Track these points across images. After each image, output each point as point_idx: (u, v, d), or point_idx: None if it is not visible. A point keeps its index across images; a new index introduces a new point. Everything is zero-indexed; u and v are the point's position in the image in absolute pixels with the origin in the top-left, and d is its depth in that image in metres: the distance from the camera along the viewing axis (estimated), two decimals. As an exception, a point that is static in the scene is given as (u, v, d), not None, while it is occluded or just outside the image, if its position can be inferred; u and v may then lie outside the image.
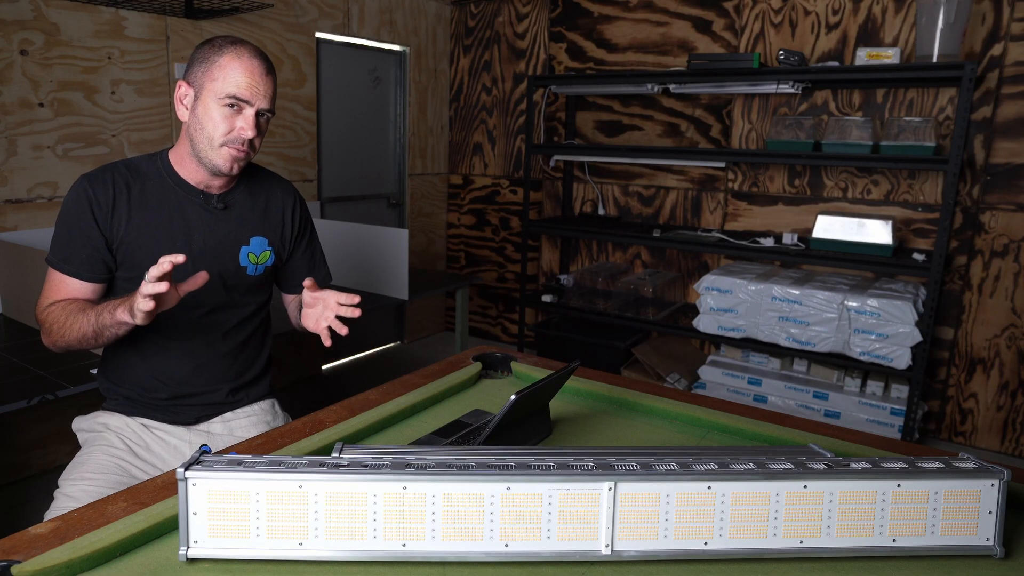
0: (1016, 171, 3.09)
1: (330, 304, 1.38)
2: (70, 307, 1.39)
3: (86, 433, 1.56)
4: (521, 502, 0.92)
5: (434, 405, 1.50)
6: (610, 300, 3.86)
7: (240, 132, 1.41)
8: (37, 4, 2.61)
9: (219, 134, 1.41)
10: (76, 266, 1.43)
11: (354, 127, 4.15)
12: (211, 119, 1.40)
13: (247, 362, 1.64)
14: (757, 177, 3.70)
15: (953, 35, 2.90)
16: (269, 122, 1.48)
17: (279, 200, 1.64)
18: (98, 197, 1.43)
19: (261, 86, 1.41)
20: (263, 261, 1.59)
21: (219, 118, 1.40)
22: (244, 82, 1.39)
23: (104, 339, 1.35)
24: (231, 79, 1.38)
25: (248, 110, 1.41)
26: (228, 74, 1.39)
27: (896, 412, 3.13)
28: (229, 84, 1.38)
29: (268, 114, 1.45)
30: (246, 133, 1.41)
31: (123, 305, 1.26)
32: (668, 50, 3.86)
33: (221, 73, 1.39)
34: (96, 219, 1.43)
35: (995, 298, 3.20)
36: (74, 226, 1.43)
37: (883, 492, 0.96)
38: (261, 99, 1.42)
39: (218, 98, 1.39)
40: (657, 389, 1.59)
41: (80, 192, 1.43)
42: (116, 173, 1.46)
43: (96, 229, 1.43)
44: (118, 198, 1.45)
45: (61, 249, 1.44)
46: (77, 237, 1.43)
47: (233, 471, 0.90)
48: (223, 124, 1.40)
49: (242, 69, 1.39)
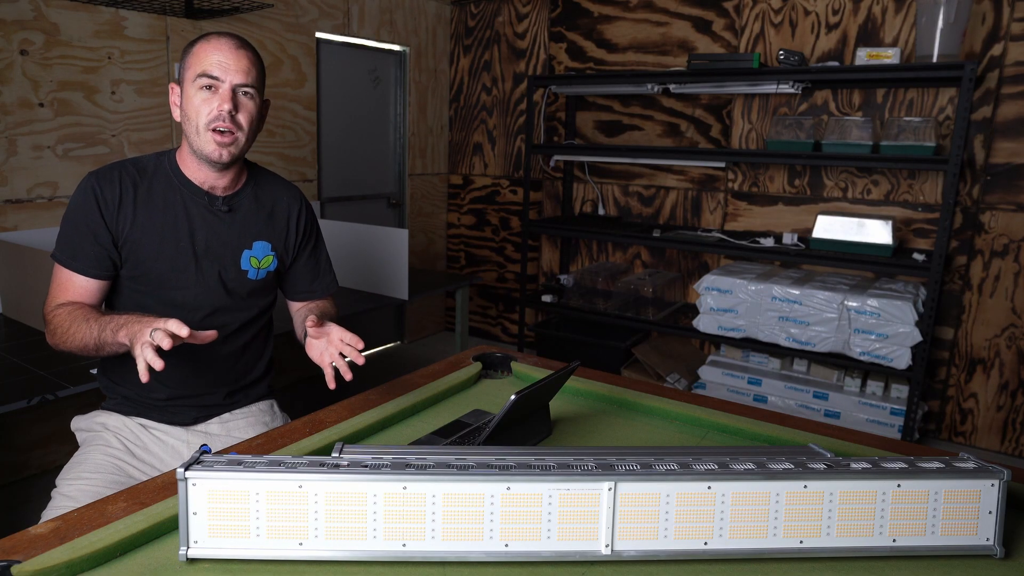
0: (1016, 171, 3.09)
1: (333, 341, 1.35)
2: (76, 313, 1.38)
3: (84, 433, 1.57)
4: (521, 502, 0.92)
5: (434, 405, 1.50)
6: (610, 300, 3.86)
7: (218, 109, 1.40)
8: (37, 4, 2.61)
9: (202, 118, 1.41)
10: (82, 263, 1.44)
11: (354, 127, 4.15)
12: (192, 105, 1.42)
13: (247, 366, 1.64)
14: (757, 177, 3.70)
15: (953, 35, 2.90)
16: (257, 103, 1.45)
17: (285, 205, 1.63)
18: (105, 194, 1.44)
19: (231, 61, 1.40)
20: (265, 266, 1.59)
21: (198, 102, 1.41)
22: (213, 59, 1.39)
23: (104, 353, 1.37)
24: (202, 60, 1.40)
25: (223, 87, 1.40)
26: (200, 58, 1.40)
27: (896, 412, 3.13)
28: (200, 65, 1.40)
29: (248, 90, 1.43)
30: (223, 107, 1.40)
31: (125, 329, 1.26)
32: (668, 50, 3.86)
33: (195, 60, 1.41)
34: (103, 216, 1.43)
35: (995, 298, 3.20)
36: (81, 223, 1.43)
37: (883, 492, 0.96)
38: (233, 73, 1.40)
39: (193, 82, 1.40)
40: (657, 389, 1.59)
41: (87, 189, 1.44)
42: (123, 171, 1.47)
43: (103, 226, 1.43)
44: (124, 196, 1.45)
45: (68, 246, 1.44)
46: (84, 234, 1.43)
47: (233, 471, 0.90)
48: (203, 107, 1.41)
49: (211, 48, 1.40)
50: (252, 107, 1.45)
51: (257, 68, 1.45)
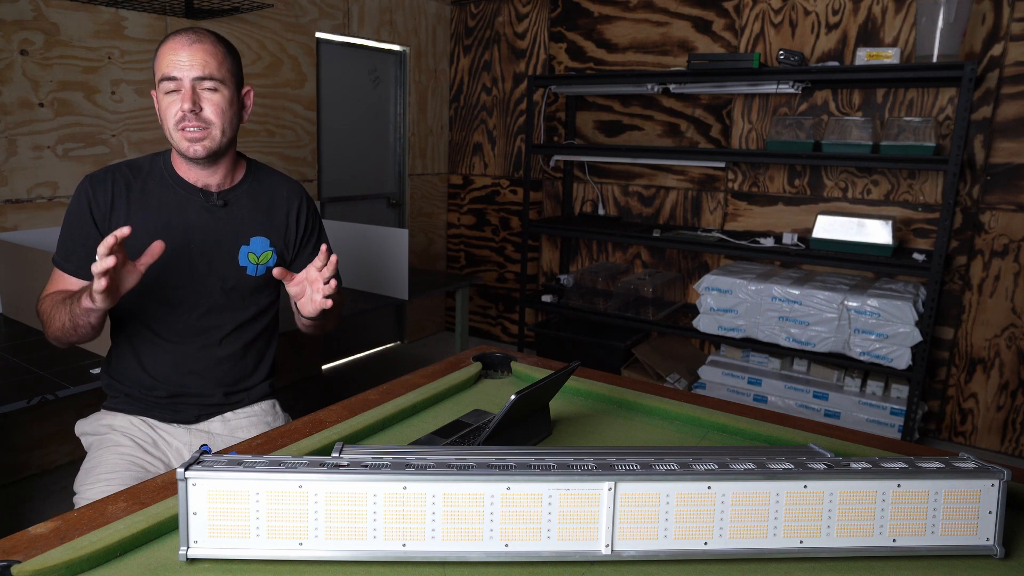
0: (1016, 171, 3.09)
1: (312, 276, 1.35)
2: (55, 299, 1.41)
3: (91, 436, 1.56)
4: (521, 502, 0.92)
5: (434, 405, 1.50)
6: (610, 300, 3.86)
7: (181, 110, 1.40)
8: (37, 4, 2.61)
9: (170, 120, 1.42)
10: (75, 264, 1.47)
11: (354, 127, 4.15)
12: (162, 109, 1.43)
13: (247, 368, 1.63)
14: (757, 177, 3.70)
15: (953, 35, 2.90)
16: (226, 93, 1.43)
17: (284, 200, 1.62)
18: (97, 197, 1.46)
19: (186, 57, 1.39)
20: (264, 261, 1.58)
21: (165, 105, 1.42)
22: (170, 59, 1.40)
23: (81, 329, 1.36)
24: (161, 64, 1.40)
25: (184, 84, 1.40)
26: (160, 62, 1.41)
27: (896, 412, 3.13)
28: (160, 69, 1.40)
29: (208, 82, 1.41)
30: (184, 106, 1.39)
31: (86, 292, 1.27)
32: (668, 50, 3.86)
33: (158, 63, 1.41)
34: (94, 218, 1.46)
35: (995, 298, 3.20)
36: (75, 225, 1.47)
37: (883, 492, 0.96)
38: (188, 69, 1.39)
39: (160, 86, 1.41)
40: (657, 389, 1.59)
41: (81, 192, 1.47)
42: (117, 173, 1.49)
43: (94, 228, 1.46)
44: (117, 198, 1.47)
45: (63, 248, 1.49)
46: (78, 236, 1.47)
47: (233, 471, 0.90)
48: (169, 109, 1.41)
49: (167, 50, 1.40)
50: (218, 98, 1.43)
51: (217, 58, 1.42)
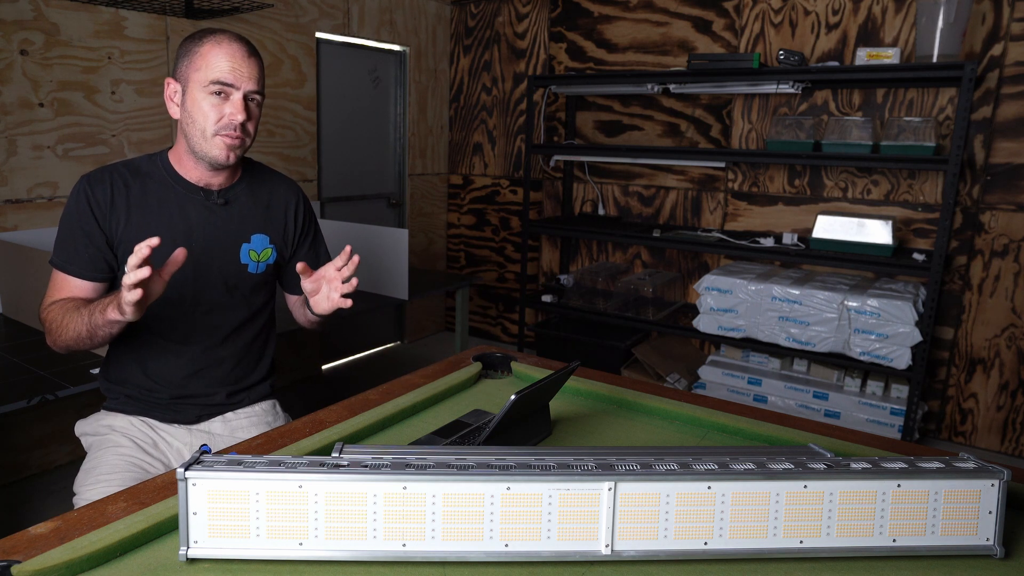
0: (1016, 171, 3.09)
1: (330, 275, 1.38)
2: (67, 306, 1.39)
3: (91, 437, 1.56)
4: (521, 502, 0.92)
5: (434, 405, 1.50)
6: (610, 300, 3.86)
7: (230, 118, 1.40)
8: (37, 4, 2.61)
9: (210, 124, 1.40)
10: (78, 266, 1.44)
11: (354, 127, 4.15)
12: (200, 110, 1.40)
13: (248, 367, 1.64)
14: (757, 177, 3.70)
15: (953, 35, 2.90)
16: (260, 106, 1.47)
17: (282, 198, 1.63)
18: (96, 196, 1.44)
19: (244, 68, 1.40)
20: (264, 259, 1.59)
21: (207, 107, 1.40)
22: (226, 66, 1.38)
23: (98, 339, 1.35)
24: (214, 66, 1.38)
25: (235, 94, 1.40)
26: (210, 61, 1.39)
27: (896, 412, 3.13)
28: (212, 71, 1.38)
29: (256, 96, 1.44)
30: (236, 118, 1.40)
31: (112, 303, 1.25)
32: (668, 50, 3.86)
33: (203, 62, 1.39)
34: (96, 217, 1.44)
35: (995, 298, 3.20)
36: (75, 226, 1.44)
37: (883, 492, 0.96)
38: (246, 81, 1.40)
39: (203, 87, 1.39)
40: (657, 389, 1.59)
41: (80, 192, 1.44)
42: (115, 173, 1.47)
43: (97, 227, 1.44)
44: (116, 197, 1.45)
45: (63, 250, 1.45)
46: (79, 237, 1.44)
47: (233, 471, 0.90)
48: (212, 113, 1.40)
49: (223, 54, 1.39)
50: (258, 112, 1.47)
51: (263, 73, 1.46)
